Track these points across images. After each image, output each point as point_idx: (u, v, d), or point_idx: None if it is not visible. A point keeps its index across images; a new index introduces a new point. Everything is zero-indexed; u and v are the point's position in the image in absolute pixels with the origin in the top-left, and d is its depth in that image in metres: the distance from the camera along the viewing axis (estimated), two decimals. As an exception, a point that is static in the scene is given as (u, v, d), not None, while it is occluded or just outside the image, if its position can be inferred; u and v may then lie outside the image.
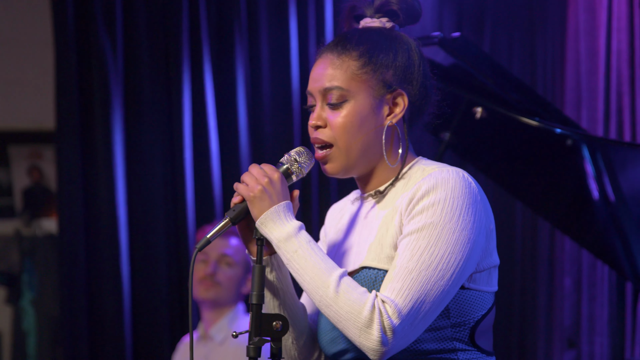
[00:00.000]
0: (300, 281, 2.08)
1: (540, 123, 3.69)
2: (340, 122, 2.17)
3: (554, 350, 5.42)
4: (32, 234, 6.67)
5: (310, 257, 2.07)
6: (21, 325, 6.54)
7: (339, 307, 2.03)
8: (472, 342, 2.15)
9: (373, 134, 2.19)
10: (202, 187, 5.11)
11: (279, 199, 2.12)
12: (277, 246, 2.10)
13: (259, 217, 2.12)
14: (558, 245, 5.43)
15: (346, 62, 2.17)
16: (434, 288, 2.02)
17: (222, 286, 4.18)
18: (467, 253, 2.06)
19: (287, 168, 2.21)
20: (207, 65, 5.10)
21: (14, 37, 6.60)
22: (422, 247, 2.04)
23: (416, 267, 2.02)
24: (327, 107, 2.19)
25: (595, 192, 3.87)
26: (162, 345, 5.02)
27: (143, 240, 5.02)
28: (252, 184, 2.13)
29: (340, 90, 2.17)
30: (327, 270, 2.06)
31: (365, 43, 2.19)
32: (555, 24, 5.51)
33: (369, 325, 2.00)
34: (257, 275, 2.14)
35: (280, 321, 2.11)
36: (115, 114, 4.94)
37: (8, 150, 6.89)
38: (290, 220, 2.11)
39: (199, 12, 5.09)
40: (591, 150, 3.76)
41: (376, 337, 1.99)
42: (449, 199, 2.06)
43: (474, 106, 3.76)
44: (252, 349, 2.10)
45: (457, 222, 2.05)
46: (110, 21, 4.94)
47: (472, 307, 2.13)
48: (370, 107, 2.18)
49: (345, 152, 2.18)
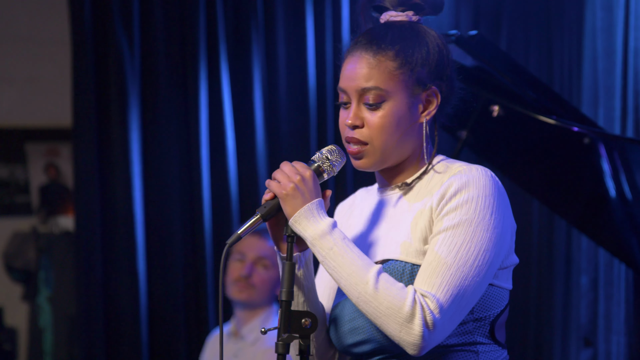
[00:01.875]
0: (337, 278, 2.09)
1: (557, 121, 3.68)
2: (379, 123, 2.18)
3: (570, 348, 5.41)
4: (49, 232, 6.69)
5: (346, 254, 2.08)
6: (38, 323, 6.57)
7: (378, 303, 2.04)
8: (492, 336, 2.19)
9: (408, 132, 2.21)
10: (218, 185, 5.11)
11: (311, 197, 2.13)
12: (311, 244, 2.11)
13: (292, 215, 2.13)
14: (575, 243, 5.42)
15: (383, 62, 2.18)
16: (471, 283, 2.06)
17: (257, 289, 4.15)
18: (497, 250, 2.11)
19: (318, 166, 2.22)
20: (224, 63, 5.11)
21: (31, 36, 6.63)
22: (458, 244, 2.07)
23: (454, 262, 2.06)
24: (364, 107, 2.20)
25: (612, 191, 3.86)
26: (178, 343, 5.03)
27: (159, 238, 5.03)
28: (284, 182, 2.14)
29: (379, 90, 2.18)
30: (364, 266, 2.07)
31: (400, 41, 2.19)
32: (572, 22, 5.50)
33: (410, 320, 2.02)
34: (287, 272, 2.15)
35: (309, 318, 2.13)
36: (132, 112, 4.95)
37: (25, 148, 6.92)
38: (323, 218, 2.13)
39: (215, 10, 5.09)
40: (608, 149, 3.75)
41: (418, 332, 2.02)
42: (481, 197, 2.10)
43: (491, 104, 3.76)
44: (281, 345, 2.11)
45: (490, 220, 2.09)
46: (128, 19, 4.95)
47: (493, 302, 2.17)
48: (406, 106, 2.19)
49: (380, 150, 2.20)
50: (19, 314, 6.67)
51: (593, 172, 3.91)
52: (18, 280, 6.73)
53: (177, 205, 5.04)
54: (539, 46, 5.60)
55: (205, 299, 5.05)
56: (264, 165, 5.16)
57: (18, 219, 6.84)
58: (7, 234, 6.69)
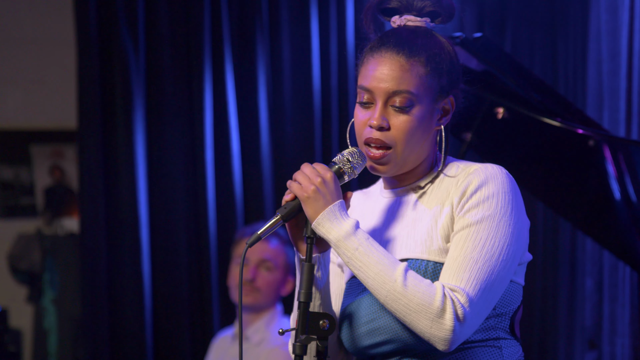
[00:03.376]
0: (364, 278, 2.10)
1: (562, 124, 3.68)
2: (405, 126, 2.19)
3: (575, 351, 5.41)
4: (54, 233, 6.70)
5: (372, 254, 2.10)
6: (42, 324, 6.57)
7: (408, 300, 2.05)
8: (512, 332, 2.22)
9: (427, 137, 2.24)
10: (223, 186, 5.12)
11: (333, 199, 2.14)
12: (336, 245, 2.12)
13: (315, 217, 2.13)
14: (579, 246, 5.41)
15: (415, 67, 2.19)
16: (497, 277, 2.09)
17: (261, 292, 4.15)
18: (518, 245, 2.14)
19: (339, 168, 2.22)
20: (229, 65, 5.11)
21: (36, 37, 6.63)
22: (484, 239, 2.10)
23: (481, 257, 2.08)
24: (391, 109, 2.20)
25: (617, 193, 3.86)
26: (183, 345, 5.03)
27: (164, 239, 5.03)
28: (305, 184, 2.14)
29: (410, 94, 2.18)
30: (391, 265, 2.09)
31: (429, 48, 2.20)
32: (576, 25, 5.50)
33: (441, 315, 2.03)
34: (306, 274, 2.15)
35: (327, 320, 2.13)
36: (137, 113, 4.95)
37: (30, 150, 6.92)
38: (346, 219, 2.13)
39: (220, 12, 5.10)
40: (613, 151, 3.75)
41: (449, 326, 2.03)
42: (501, 193, 2.14)
43: (496, 106, 3.76)
44: (298, 346, 2.11)
45: (510, 215, 2.13)
46: (132, 21, 4.96)
47: (512, 298, 2.20)
48: (430, 112, 2.21)
49: (401, 154, 2.21)
50: (23, 316, 6.67)
51: (598, 175, 3.90)
52: (23, 282, 6.73)
53: (182, 207, 5.05)
54: (543, 48, 5.60)
55: (209, 301, 5.05)
56: (268, 167, 5.16)
57: (23, 221, 6.84)
58: (12, 235, 6.70)
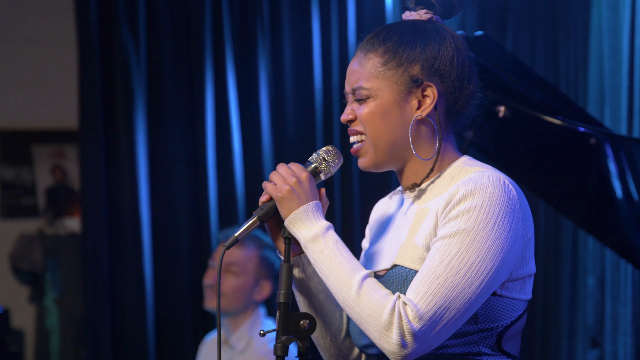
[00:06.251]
0: (325, 281, 2.08)
1: (564, 122, 3.68)
2: (364, 115, 2.18)
3: (577, 349, 5.41)
4: (56, 233, 6.71)
5: (335, 258, 2.07)
6: (44, 324, 6.58)
7: (360, 309, 2.02)
8: (498, 348, 2.13)
9: (401, 128, 2.18)
10: (224, 186, 5.11)
11: (307, 199, 2.13)
12: (304, 246, 2.11)
13: (288, 216, 2.12)
14: (581, 244, 5.41)
15: (371, 60, 2.18)
16: (460, 295, 1.99)
17: (226, 297, 4.06)
18: (499, 262, 2.03)
19: (315, 167, 2.21)
20: (230, 64, 5.11)
21: (37, 37, 6.64)
22: (452, 253, 2.01)
23: (444, 272, 2.00)
24: (356, 102, 2.20)
25: (619, 191, 3.86)
26: (185, 344, 5.03)
27: (166, 239, 5.03)
28: (280, 184, 2.14)
29: (363, 89, 2.18)
30: (350, 271, 2.05)
31: (392, 38, 2.19)
32: (578, 22, 5.50)
33: (388, 328, 1.98)
34: (285, 274, 2.14)
35: (307, 320, 2.12)
36: (138, 113, 4.95)
37: (31, 150, 6.93)
38: (318, 220, 2.12)
39: (221, 11, 5.09)
40: (614, 149, 3.75)
41: (395, 340, 1.98)
42: (485, 206, 2.04)
43: (497, 105, 3.76)
44: (279, 347, 2.10)
45: (491, 230, 2.03)
46: (133, 21, 4.96)
47: (501, 313, 2.11)
48: (394, 102, 2.17)
49: (373, 145, 2.18)
50: (25, 316, 6.67)
51: (599, 173, 3.90)
52: (25, 282, 6.73)
53: (184, 206, 5.05)
54: (545, 46, 5.60)
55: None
56: (269, 166, 5.15)
57: (24, 221, 6.85)
58: (13, 235, 6.70)
